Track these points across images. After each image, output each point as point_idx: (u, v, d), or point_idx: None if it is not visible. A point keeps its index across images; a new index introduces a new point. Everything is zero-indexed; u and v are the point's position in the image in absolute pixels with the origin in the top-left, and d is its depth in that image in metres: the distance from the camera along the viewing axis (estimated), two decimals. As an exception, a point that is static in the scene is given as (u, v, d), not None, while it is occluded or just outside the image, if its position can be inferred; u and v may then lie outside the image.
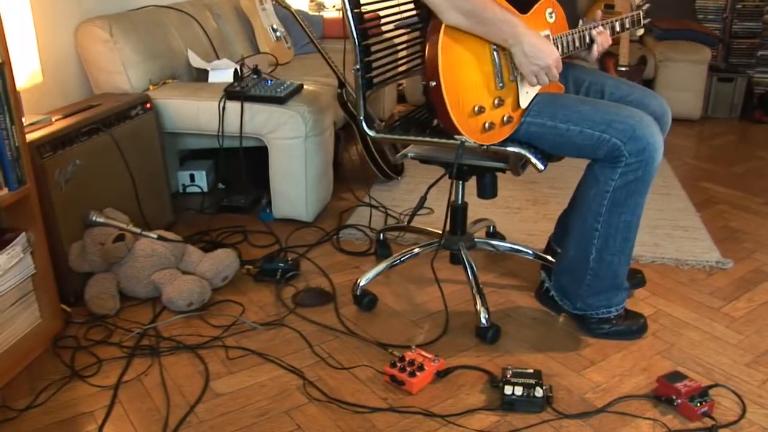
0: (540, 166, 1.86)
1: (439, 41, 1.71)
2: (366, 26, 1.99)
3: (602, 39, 1.96)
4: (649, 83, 4.59)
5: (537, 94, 1.89)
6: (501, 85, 1.81)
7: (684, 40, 4.62)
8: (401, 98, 4.67)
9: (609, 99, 2.00)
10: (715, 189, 3.38)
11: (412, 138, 2.00)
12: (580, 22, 2.04)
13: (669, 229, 2.85)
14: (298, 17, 3.30)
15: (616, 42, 4.30)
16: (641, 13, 2.14)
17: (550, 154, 1.93)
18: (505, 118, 1.83)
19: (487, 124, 1.79)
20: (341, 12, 1.98)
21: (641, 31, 2.17)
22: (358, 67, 1.96)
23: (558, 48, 1.88)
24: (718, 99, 4.78)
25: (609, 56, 4.38)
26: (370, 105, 2.05)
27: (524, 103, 1.86)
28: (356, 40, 1.94)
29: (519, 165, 1.91)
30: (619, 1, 4.44)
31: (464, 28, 1.74)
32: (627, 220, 1.89)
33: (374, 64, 2.02)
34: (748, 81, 4.82)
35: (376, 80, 2.03)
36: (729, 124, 4.66)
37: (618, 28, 2.06)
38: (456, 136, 1.80)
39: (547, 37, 1.89)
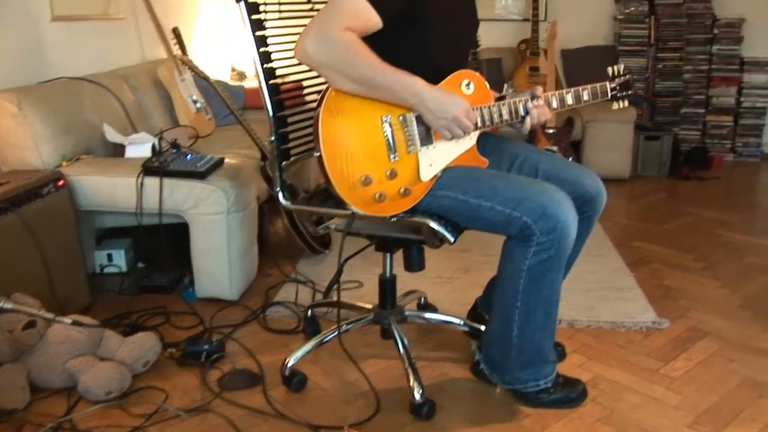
0: (450, 239, 1.90)
1: (320, 110, 1.75)
2: (282, 97, 2.05)
3: (539, 112, 1.97)
4: (577, 144, 4.80)
5: (453, 167, 1.92)
6: (395, 156, 1.82)
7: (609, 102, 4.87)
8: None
9: (543, 176, 2.01)
10: (647, 248, 3.52)
11: (321, 209, 2.05)
12: (505, 86, 2.12)
13: (603, 291, 2.94)
14: (217, 88, 3.35)
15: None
16: (611, 86, 2.13)
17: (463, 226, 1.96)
18: (402, 191, 1.84)
19: (377, 195, 1.81)
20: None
21: (617, 105, 2.14)
22: (272, 138, 2.00)
23: (477, 120, 1.90)
24: (647, 157, 5.03)
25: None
26: (295, 176, 2.10)
27: (426, 176, 1.87)
28: (270, 112, 2.00)
29: (435, 237, 1.93)
30: (545, 63, 4.68)
31: (361, 94, 1.77)
32: (546, 296, 1.91)
33: (291, 135, 2.07)
34: (674, 138, 5.10)
35: (293, 152, 2.08)
36: (658, 182, 4.89)
37: (570, 101, 2.04)
38: (348, 207, 1.82)
39: None
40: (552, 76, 4.50)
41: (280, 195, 2.08)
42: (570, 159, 4.46)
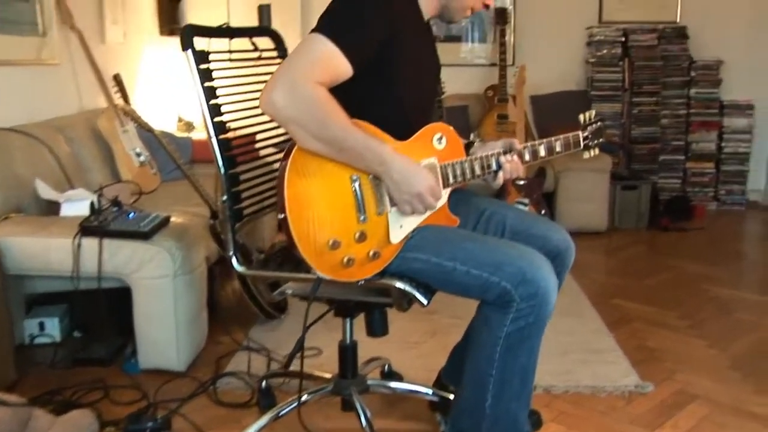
0: (423, 301, 1.91)
1: (286, 169, 1.75)
2: (234, 153, 2.07)
3: (512, 167, 2.01)
4: (550, 196, 4.89)
5: (424, 227, 1.94)
6: (363, 218, 1.83)
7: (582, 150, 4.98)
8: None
9: (510, 231, 2.06)
10: (627, 305, 3.58)
11: (283, 275, 2.05)
12: (472, 135, 2.17)
13: (581, 353, 2.97)
14: (162, 140, 3.37)
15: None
16: (583, 135, 2.18)
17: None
18: (371, 254, 1.85)
19: (345, 259, 1.81)
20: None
21: (588, 154, 2.20)
22: (224, 198, 2.02)
23: (449, 176, 1.95)
24: (624, 208, 5.13)
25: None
26: (247, 236, 2.10)
27: (396, 238, 1.89)
28: (222, 169, 2.01)
29: (404, 300, 1.94)
30: (514, 111, 4.79)
31: (326, 156, 1.78)
32: (523, 364, 1.92)
33: (244, 194, 2.09)
34: (653, 187, 5.23)
35: (247, 212, 2.10)
36: (637, 234, 4.99)
37: (543, 153, 2.08)
38: (314, 272, 1.81)
39: (432, 165, 1.94)
40: (521, 123, 4.61)
41: (234, 260, 2.07)
42: (542, 212, 4.54)
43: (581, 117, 2.21)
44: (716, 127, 5.64)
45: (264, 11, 4.71)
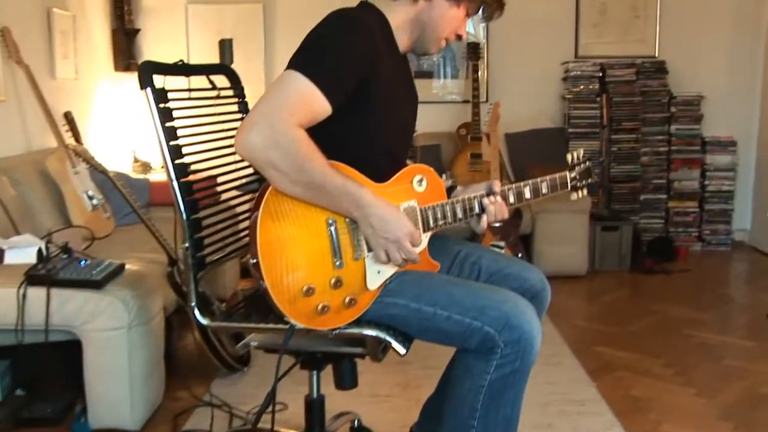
0: (401, 351, 1.91)
1: (259, 212, 1.75)
2: (196, 197, 2.06)
3: (496, 209, 2.03)
4: (527, 238, 4.92)
5: (402, 272, 1.94)
6: (340, 263, 1.83)
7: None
8: (246, 272, 4.69)
9: (486, 273, 2.10)
10: (610, 353, 3.59)
11: (252, 326, 2.04)
12: (444, 176, 2.19)
13: (562, 404, 2.98)
14: (117, 182, 3.35)
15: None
16: (571, 176, 2.21)
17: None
18: (346, 301, 1.84)
19: (320, 307, 1.80)
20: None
21: (576, 195, 2.24)
22: (186, 245, 2.00)
23: (430, 220, 1.97)
24: (605, 250, 5.18)
25: (480, 210, 4.67)
26: (208, 283, 2.08)
27: (373, 284, 1.88)
28: (184, 215, 2.00)
29: (379, 349, 1.94)
30: (488, 149, 4.83)
31: (303, 200, 1.79)
32: (507, 415, 1.91)
33: (207, 240, 2.08)
34: (635, 228, 5.29)
35: (209, 259, 2.09)
36: (619, 277, 5.03)
37: (528, 195, 2.11)
38: (287, 321, 1.81)
39: (412, 208, 1.95)
40: (496, 162, 4.65)
41: (196, 312, 2.04)
42: (519, 255, 4.57)
43: (569, 156, 2.24)
44: (698, 165, 5.74)
45: (225, 46, 4.74)
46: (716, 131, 5.78)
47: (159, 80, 2.01)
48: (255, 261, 1.75)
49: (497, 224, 4.51)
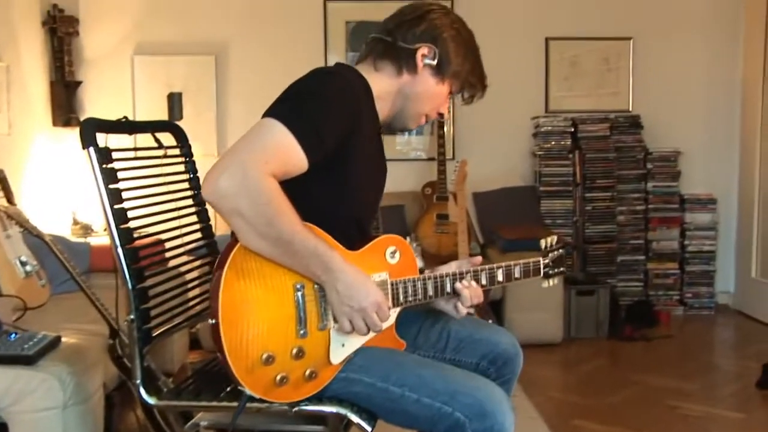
0: (367, 428, 1.90)
1: (223, 270, 1.75)
2: (142, 264, 2.04)
3: (471, 294, 2.05)
4: (497, 305, 4.93)
5: (367, 348, 1.93)
6: (303, 332, 1.83)
7: (533, 250, 5.02)
8: (195, 343, 4.64)
9: (455, 339, 2.12)
10: (589, 427, 3.58)
11: (203, 404, 2.01)
12: (408, 239, 2.19)
13: (540, 484, 2.96)
14: (54, 247, 3.31)
15: (453, 256, 4.61)
16: (544, 262, 2.26)
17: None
18: (307, 373, 1.84)
19: (279, 378, 1.80)
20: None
21: (547, 283, 2.30)
22: (132, 317, 1.98)
23: (400, 295, 1.98)
24: (581, 316, 5.20)
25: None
26: (153, 355, 2.05)
27: (336, 358, 1.89)
28: (129, 284, 1.98)
29: (340, 427, 1.93)
30: (455, 210, 4.86)
31: (269, 256, 1.78)
32: None
33: (154, 311, 2.05)
34: (612, 292, 5.32)
35: (156, 332, 2.05)
36: (597, 345, 5.04)
37: (501, 278, 2.14)
38: (240, 389, 1.80)
39: (382, 281, 1.96)
40: (463, 224, 4.67)
41: (142, 390, 2.01)
42: (490, 321, 4.56)
43: (542, 242, 2.28)
44: (677, 224, 5.82)
45: (174, 99, 4.77)
46: (695, 188, 5.90)
47: (102, 138, 2.00)
48: (214, 322, 1.74)
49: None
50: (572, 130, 5.73)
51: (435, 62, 2.02)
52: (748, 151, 5.81)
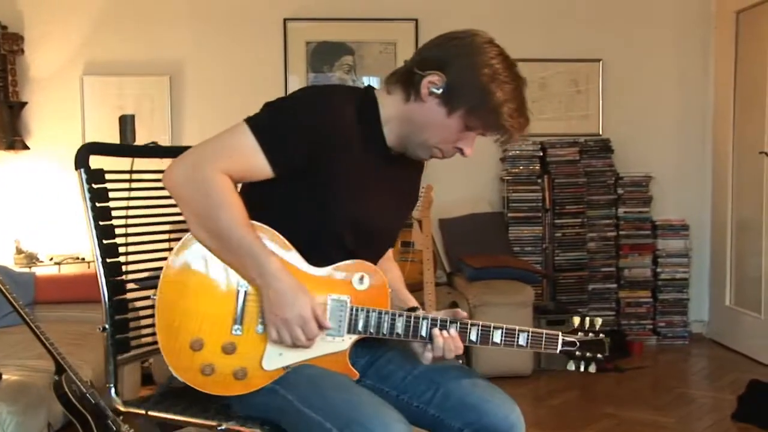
0: None
1: (177, 246, 1.93)
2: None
3: (446, 345, 1.96)
4: (467, 334, 4.90)
5: (309, 366, 1.94)
6: (238, 329, 1.92)
7: (501, 279, 5.07)
8: (148, 379, 4.58)
9: (443, 395, 2.01)
10: (561, 464, 3.58)
11: (180, 418, 2.07)
12: None
13: None
14: (-4, 278, 3.25)
15: (419, 288, 4.61)
16: (567, 338, 2.05)
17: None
18: (235, 371, 1.91)
19: (204, 367, 1.90)
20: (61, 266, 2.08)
21: (574, 366, 2.08)
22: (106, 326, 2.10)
23: (359, 323, 1.95)
24: (552, 347, 5.18)
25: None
26: (101, 393, 2.07)
27: (269, 365, 1.93)
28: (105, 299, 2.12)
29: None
30: (420, 237, 4.86)
31: (209, 248, 1.92)
32: None
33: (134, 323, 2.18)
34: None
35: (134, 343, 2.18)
36: (568, 378, 5.01)
37: (498, 339, 2.00)
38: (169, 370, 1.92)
39: (341, 302, 1.95)
40: (429, 251, 4.66)
41: (113, 391, 2.15)
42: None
43: (577, 320, 2.11)
44: (650, 251, 5.86)
45: (127, 122, 4.72)
46: (667, 214, 5.96)
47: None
48: (155, 297, 1.92)
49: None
50: (541, 154, 5.76)
51: (440, 91, 1.94)
52: (720, 176, 5.89)
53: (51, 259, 5.05)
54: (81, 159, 2.18)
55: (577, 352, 2.05)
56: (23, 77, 5.43)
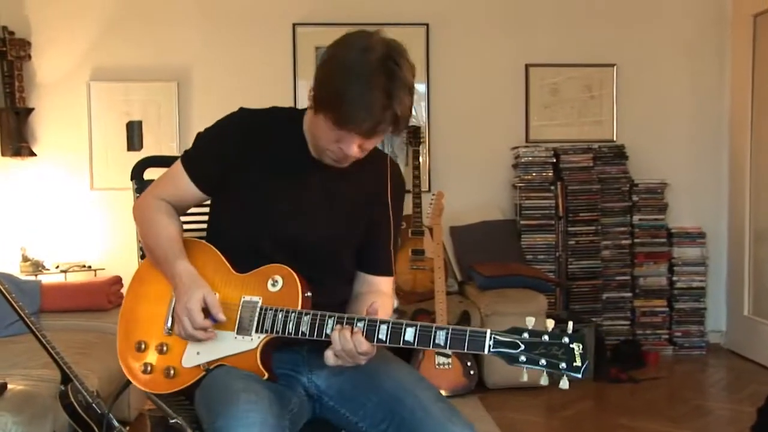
0: None
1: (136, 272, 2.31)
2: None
3: (343, 341, 1.95)
4: (478, 344, 4.89)
5: (222, 367, 2.06)
6: (168, 330, 2.16)
7: (513, 288, 5.06)
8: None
9: (397, 423, 2.01)
10: (574, 476, 3.57)
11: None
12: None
13: None
14: (2, 286, 3.27)
15: (430, 296, 4.61)
16: (500, 339, 1.86)
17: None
18: (166, 370, 2.12)
19: (143, 366, 2.15)
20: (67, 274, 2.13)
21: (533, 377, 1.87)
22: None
23: (266, 322, 2.04)
24: (565, 357, 5.16)
25: (423, 313, 4.67)
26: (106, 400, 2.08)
27: (189, 362, 2.11)
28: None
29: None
30: (431, 245, 4.86)
31: (149, 259, 2.27)
32: None
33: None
34: (597, 331, 5.30)
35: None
36: (582, 388, 5.00)
37: (409, 338, 1.91)
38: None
39: (252, 303, 2.08)
40: (440, 260, 4.66)
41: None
42: (468, 364, 4.56)
43: (529, 320, 1.89)
44: (665, 259, 5.84)
45: (134, 129, 4.75)
46: (683, 222, 5.94)
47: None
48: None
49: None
50: (554, 160, 5.74)
51: (311, 97, 2.05)
52: (737, 183, 5.88)
53: (57, 266, 5.07)
54: (137, 171, 2.52)
55: (543, 361, 1.82)
56: (30, 83, 5.45)
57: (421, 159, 5.51)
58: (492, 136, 5.85)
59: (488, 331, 1.84)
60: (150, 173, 2.51)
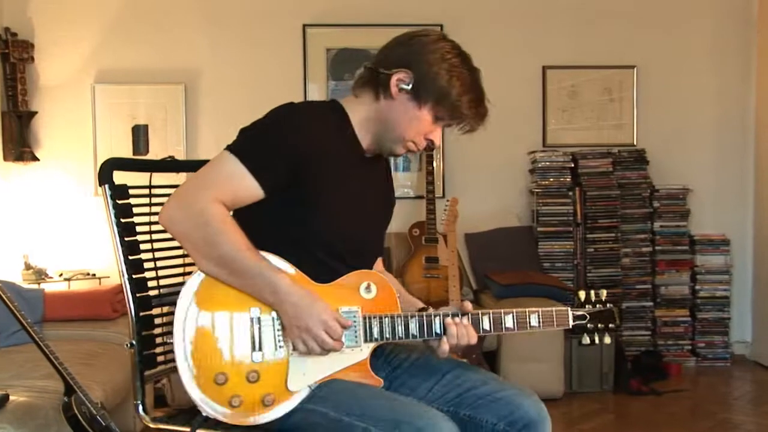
0: None
1: (189, 299, 2.02)
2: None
3: (458, 331, 2.12)
4: (492, 355, 4.90)
5: (334, 380, 2.04)
6: (258, 357, 2.01)
7: (529, 296, 5.02)
8: (160, 400, 4.59)
9: (473, 396, 2.15)
10: (594, 492, 3.56)
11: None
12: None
13: None
14: (2, 294, 3.28)
15: (444, 302, 4.60)
16: (575, 312, 2.26)
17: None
18: (263, 398, 1.99)
19: (232, 399, 1.98)
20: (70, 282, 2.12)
21: (588, 339, 2.28)
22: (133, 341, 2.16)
23: (373, 330, 2.08)
24: (584, 368, 5.16)
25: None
26: (112, 416, 2.10)
27: (294, 385, 2.02)
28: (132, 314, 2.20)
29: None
30: (445, 252, 4.85)
31: (219, 278, 2.02)
32: None
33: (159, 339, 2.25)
34: (617, 341, 5.28)
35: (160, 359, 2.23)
36: (602, 399, 5.01)
37: (510, 324, 2.17)
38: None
39: (353, 313, 2.07)
40: (454, 268, 4.65)
41: (140, 407, 2.19)
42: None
43: (582, 294, 2.32)
44: (688, 267, 5.82)
45: (139, 133, 4.77)
46: (705, 229, 5.92)
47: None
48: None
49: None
50: (572, 165, 5.73)
51: (410, 87, 2.12)
52: (762, 188, 5.86)
53: (61, 275, 5.08)
54: (105, 174, 2.24)
55: (589, 325, 2.26)
56: (33, 86, 5.47)
57: (434, 164, 5.52)
58: (508, 141, 5.82)
59: (569, 309, 2.24)
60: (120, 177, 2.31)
